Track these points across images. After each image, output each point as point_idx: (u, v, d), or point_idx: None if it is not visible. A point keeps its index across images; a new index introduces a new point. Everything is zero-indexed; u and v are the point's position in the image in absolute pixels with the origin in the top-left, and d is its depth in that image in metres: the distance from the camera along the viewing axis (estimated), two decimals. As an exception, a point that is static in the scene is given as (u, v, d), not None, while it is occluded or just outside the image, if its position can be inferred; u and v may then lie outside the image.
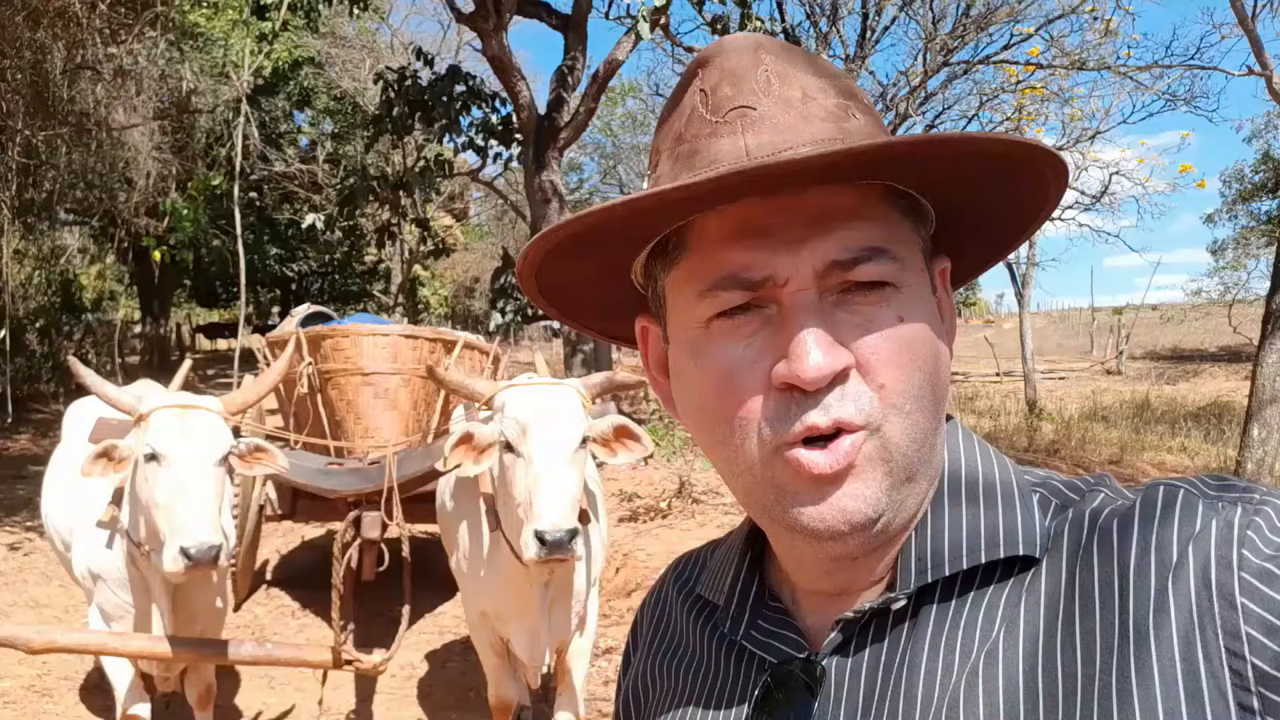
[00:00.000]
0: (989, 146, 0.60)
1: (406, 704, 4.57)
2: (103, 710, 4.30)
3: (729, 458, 0.64)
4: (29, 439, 12.54)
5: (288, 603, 6.05)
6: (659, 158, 0.68)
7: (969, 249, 0.75)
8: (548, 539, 2.64)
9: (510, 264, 11.96)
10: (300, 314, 6.45)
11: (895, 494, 0.62)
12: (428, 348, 5.07)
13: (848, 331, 0.60)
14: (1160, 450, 10.17)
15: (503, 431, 2.83)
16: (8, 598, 6.04)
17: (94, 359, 16.47)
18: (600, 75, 9.79)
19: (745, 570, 0.74)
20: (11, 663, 4.64)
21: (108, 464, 2.94)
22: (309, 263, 23.30)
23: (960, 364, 22.41)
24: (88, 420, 3.47)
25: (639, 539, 6.22)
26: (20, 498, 8.44)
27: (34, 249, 16.52)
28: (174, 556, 2.81)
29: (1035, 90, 12.06)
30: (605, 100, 20.66)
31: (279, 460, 3.26)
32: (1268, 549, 0.53)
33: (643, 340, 0.77)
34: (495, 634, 3.40)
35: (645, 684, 0.82)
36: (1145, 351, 24.31)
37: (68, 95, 11.39)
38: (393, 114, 10.63)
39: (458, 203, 25.11)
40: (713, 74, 0.65)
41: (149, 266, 17.99)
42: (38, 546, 6.78)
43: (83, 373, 3.16)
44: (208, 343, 31.57)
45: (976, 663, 0.58)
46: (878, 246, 0.61)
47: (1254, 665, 0.50)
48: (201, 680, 3.69)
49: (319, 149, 20.02)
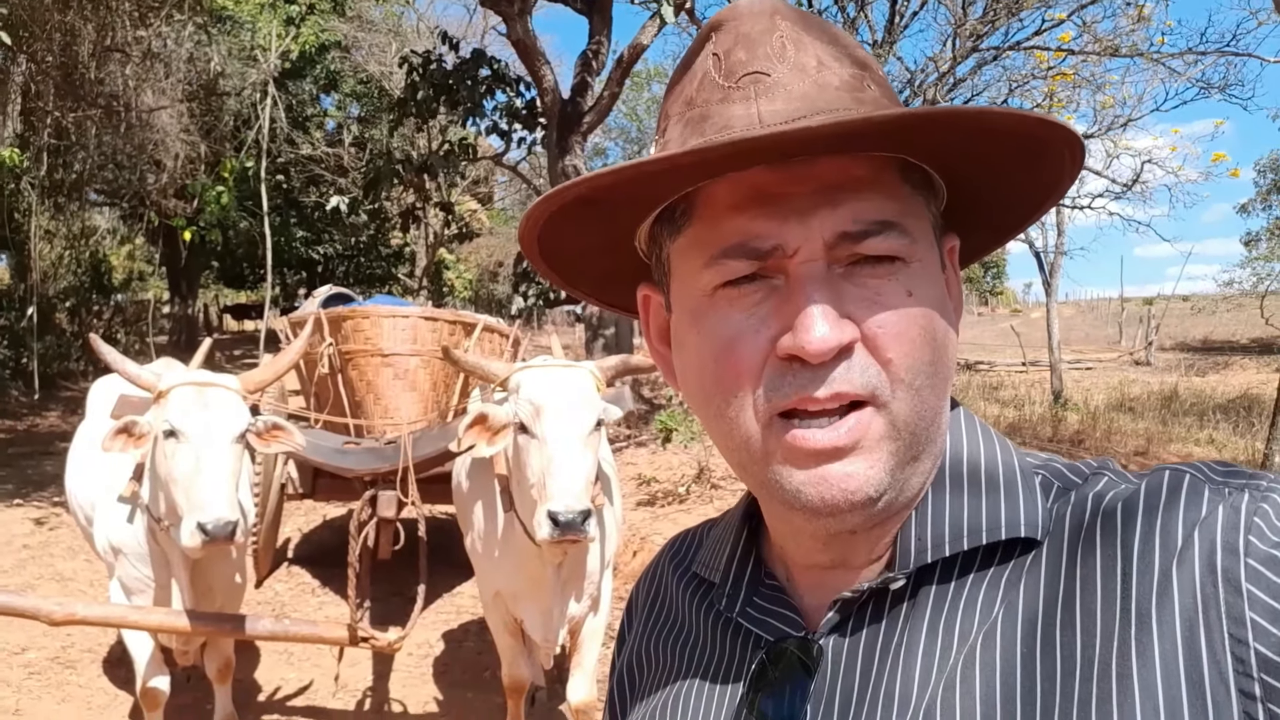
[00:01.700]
0: (1004, 122, 0.59)
1: (422, 682, 4.61)
2: (124, 683, 4.37)
3: (726, 429, 0.64)
4: (58, 416, 12.74)
5: (308, 580, 6.12)
6: (668, 122, 0.67)
7: (978, 228, 0.73)
8: (561, 519, 2.65)
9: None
10: (322, 295, 6.48)
11: (900, 472, 0.61)
12: (447, 330, 5.08)
13: (855, 305, 0.59)
14: (1187, 442, 10.04)
15: (517, 413, 2.84)
16: (34, 571, 6.15)
17: (123, 338, 16.69)
18: (624, 59, 9.74)
19: (742, 548, 0.74)
20: (36, 634, 4.72)
21: (127, 440, 2.98)
22: (335, 245, 23.41)
23: (986, 353, 22.22)
24: (111, 397, 3.51)
25: (656, 523, 6.23)
26: (48, 473, 8.58)
27: (64, 229, 16.74)
28: (191, 532, 2.85)
29: (1066, 76, 11.87)
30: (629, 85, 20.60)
31: (296, 438, 3.28)
32: (1275, 535, 0.52)
33: (644, 309, 0.76)
34: (509, 614, 3.42)
35: (640, 661, 0.81)
36: (1175, 342, 23.99)
37: (97, 77, 11.51)
38: (417, 97, 10.62)
39: (482, 187, 25.14)
40: (726, 38, 0.64)
41: (177, 247, 18.17)
42: (64, 521, 6.89)
43: (103, 350, 3.19)
44: (235, 323, 31.90)
45: (975, 644, 0.58)
46: (889, 220, 0.60)
47: (1257, 651, 0.50)
48: (220, 654, 3.74)
49: (345, 132, 20.10)
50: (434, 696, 4.45)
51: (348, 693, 4.41)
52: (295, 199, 20.39)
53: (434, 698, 4.43)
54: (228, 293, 33.63)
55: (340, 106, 20.79)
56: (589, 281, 0.80)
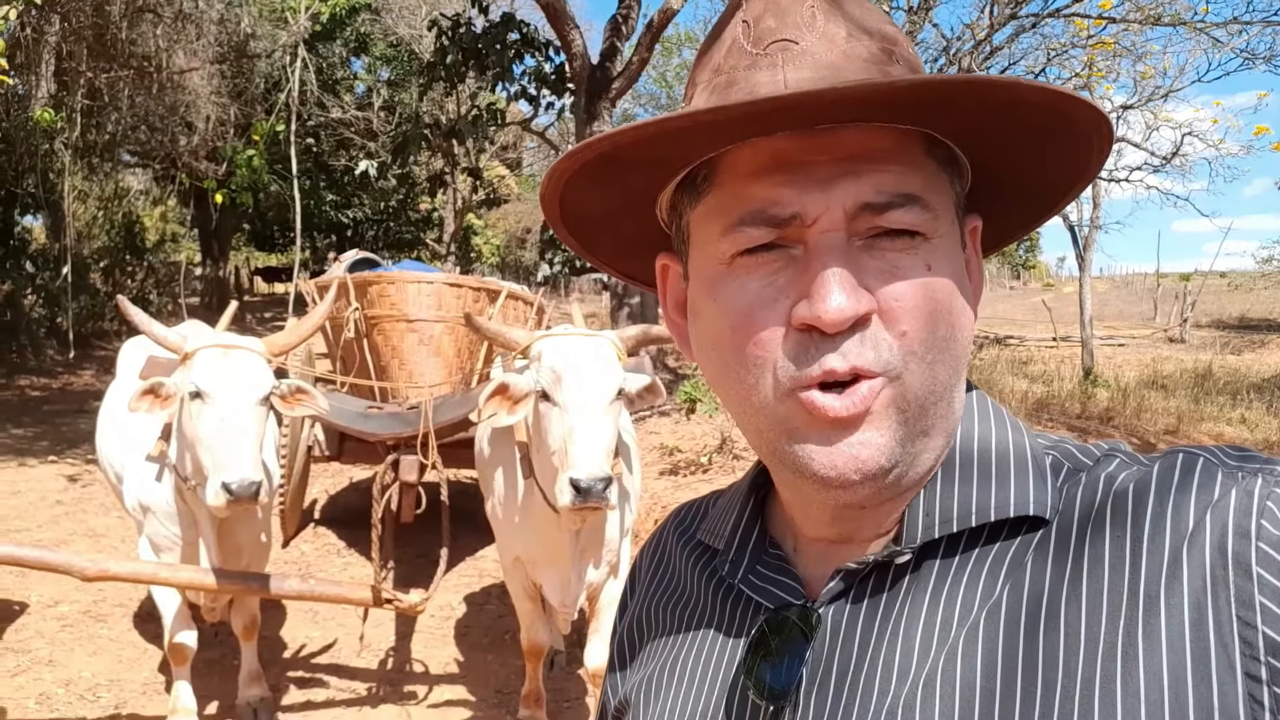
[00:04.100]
0: (1032, 95, 0.57)
1: (444, 643, 4.68)
2: (153, 637, 4.47)
3: (742, 397, 0.63)
4: (92, 374, 12.97)
5: (334, 541, 6.21)
6: (695, 90, 0.67)
7: (1002, 213, 0.72)
8: (582, 486, 2.67)
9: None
10: (348, 260, 6.52)
11: (910, 445, 0.61)
12: (471, 296, 5.10)
13: (873, 277, 0.59)
14: (1219, 421, 9.89)
15: (539, 380, 2.85)
16: (68, 527, 6.29)
17: (155, 300, 16.90)
18: (655, 24, 9.64)
19: (747, 517, 0.74)
20: (70, 589, 4.84)
21: (154, 401, 3.02)
22: (364, 209, 23.47)
23: (1016, 327, 21.98)
24: (141, 358, 3.56)
25: (678, 492, 6.25)
26: (81, 431, 8.75)
27: (98, 190, 16.90)
28: (216, 491, 2.90)
29: (1106, 45, 11.60)
30: (659, 50, 20.40)
31: (319, 402, 3.32)
32: None
33: (662, 278, 0.76)
34: (528, 579, 3.46)
35: (641, 626, 0.82)
36: (1211, 320, 23.59)
37: (128, 38, 11.55)
38: (446, 61, 10.59)
39: (511, 153, 25.08)
40: (757, 5, 0.64)
41: (209, 210, 18.31)
42: (97, 478, 7.03)
43: (131, 311, 3.23)
44: (265, 286, 32.19)
45: (978, 619, 0.58)
46: (912, 193, 0.60)
47: (1265, 635, 0.50)
48: (246, 612, 3.81)
49: (375, 96, 20.08)
50: (454, 658, 4.51)
51: (371, 652, 4.49)
52: (325, 162, 20.43)
53: (454, 659, 4.50)
54: (258, 255, 33.88)
55: (370, 70, 20.75)
56: (608, 250, 0.79)
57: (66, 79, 11.53)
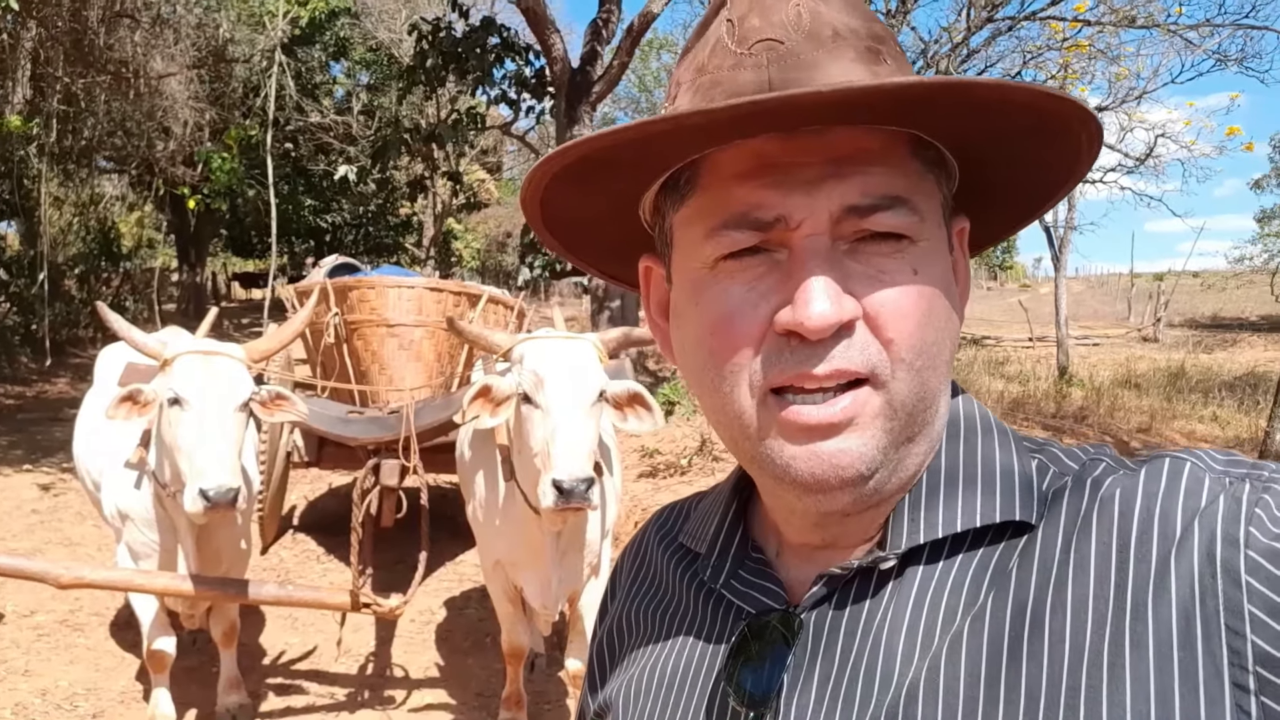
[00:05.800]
0: (1019, 96, 0.56)
1: (424, 647, 4.67)
2: (131, 645, 4.44)
3: (720, 404, 0.63)
4: (67, 382, 12.83)
5: (313, 548, 6.18)
6: (678, 90, 0.65)
7: (990, 213, 0.72)
8: (565, 487, 2.68)
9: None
10: (328, 265, 6.51)
11: (894, 452, 0.60)
12: (452, 300, 5.10)
13: (858, 282, 0.58)
14: (1191, 419, 10.01)
15: (520, 383, 2.86)
16: (43, 536, 6.22)
17: (132, 306, 16.71)
18: (634, 29, 9.67)
19: (729, 521, 0.73)
20: (45, 597, 4.79)
21: (132, 407, 3.01)
22: (343, 214, 23.39)
23: (992, 328, 22.15)
24: (119, 364, 3.54)
25: (658, 494, 6.26)
26: (57, 439, 8.66)
27: (73, 196, 16.74)
28: (194, 497, 2.89)
29: (1081, 48, 11.71)
30: (639, 54, 20.43)
31: (299, 407, 3.31)
32: (1276, 528, 0.51)
33: (645, 281, 0.75)
34: (509, 582, 3.46)
35: (622, 628, 0.81)
36: (1184, 319, 23.88)
37: (106, 43, 11.46)
38: (426, 65, 10.57)
39: (491, 157, 25.05)
40: (741, 4, 0.62)
41: (185, 215, 18.20)
42: (71, 487, 6.96)
43: (110, 318, 3.22)
44: (243, 291, 31.94)
45: (962, 626, 0.57)
46: (898, 196, 0.59)
47: (1254, 644, 0.49)
48: (225, 618, 3.80)
49: (354, 100, 20.01)
50: (435, 662, 4.51)
51: (350, 657, 4.48)
52: (303, 167, 20.34)
53: (435, 663, 4.49)
54: (236, 261, 33.65)
55: (349, 74, 20.69)
56: (592, 252, 0.78)
57: (43, 84, 11.42)
